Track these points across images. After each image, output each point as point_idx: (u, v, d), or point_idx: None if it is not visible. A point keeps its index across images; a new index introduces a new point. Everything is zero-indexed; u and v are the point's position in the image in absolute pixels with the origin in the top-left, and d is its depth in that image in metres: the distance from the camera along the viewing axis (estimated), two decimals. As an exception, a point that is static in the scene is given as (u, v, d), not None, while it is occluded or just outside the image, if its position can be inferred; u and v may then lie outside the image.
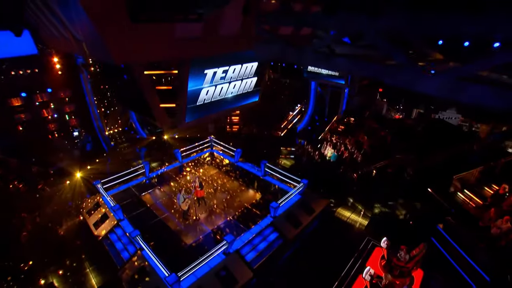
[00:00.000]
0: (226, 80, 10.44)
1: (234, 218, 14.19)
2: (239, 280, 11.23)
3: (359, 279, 11.53)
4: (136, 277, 11.26)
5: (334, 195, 16.16)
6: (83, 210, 14.98)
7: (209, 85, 9.94)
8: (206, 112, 10.72)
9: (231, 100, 11.43)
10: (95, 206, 14.93)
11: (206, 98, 10.23)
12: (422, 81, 4.83)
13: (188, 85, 9.19)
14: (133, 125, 23.38)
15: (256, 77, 11.80)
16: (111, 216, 13.99)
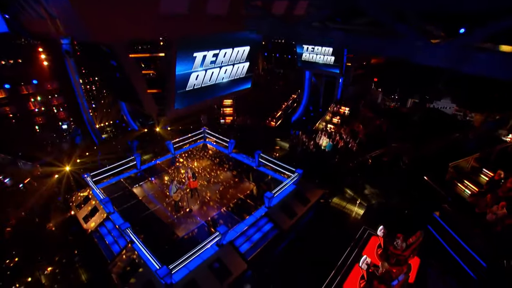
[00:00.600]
0: (216, 65, 9.94)
1: (228, 209, 13.82)
2: (233, 272, 10.90)
3: (356, 268, 11.29)
4: (127, 271, 10.86)
5: (330, 185, 15.86)
6: (72, 204, 14.46)
7: (199, 69, 9.44)
8: (196, 99, 10.24)
9: (222, 86, 10.95)
10: (84, 200, 14.43)
11: (196, 83, 9.74)
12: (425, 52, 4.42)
13: (177, 69, 8.69)
14: (124, 117, 22.73)
15: (248, 62, 11.31)
16: (101, 209, 13.51)
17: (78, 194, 14.94)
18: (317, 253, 12.26)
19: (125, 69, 8.24)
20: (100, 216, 13.34)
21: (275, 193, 13.46)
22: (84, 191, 14.96)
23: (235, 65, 10.74)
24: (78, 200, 14.58)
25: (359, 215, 14.64)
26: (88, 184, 14.54)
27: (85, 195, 14.66)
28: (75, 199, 14.75)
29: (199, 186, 15.08)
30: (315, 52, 21.63)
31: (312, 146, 18.86)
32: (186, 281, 10.16)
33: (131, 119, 22.64)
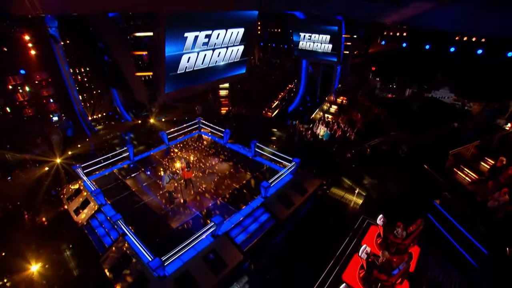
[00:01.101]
0: (209, 47, 9.41)
1: (223, 200, 13.40)
2: (228, 264, 10.53)
3: (355, 258, 10.96)
4: (118, 264, 10.45)
5: (328, 175, 15.48)
6: (63, 197, 13.96)
7: (191, 51, 8.90)
8: (188, 82, 9.73)
9: (216, 71, 10.44)
10: (75, 192, 13.92)
11: (188, 66, 9.22)
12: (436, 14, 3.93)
13: (167, 49, 8.14)
14: (117, 109, 22.12)
15: (242, 45, 10.77)
16: (92, 201, 13.04)
17: (69, 186, 14.43)
18: (315, 243, 11.93)
19: (112, 50, 7.70)
20: (92, 208, 12.87)
21: (271, 183, 13.05)
22: (75, 183, 14.46)
23: (229, 48, 10.21)
24: (69, 192, 14.08)
25: (358, 205, 14.30)
26: (79, 175, 14.02)
27: (76, 188, 14.16)
28: (66, 191, 14.25)
29: (193, 177, 14.63)
30: (312, 40, 21.05)
31: (310, 135, 18.42)
32: (180, 273, 9.78)
33: (124, 110, 22.02)
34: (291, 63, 26.57)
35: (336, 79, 22.68)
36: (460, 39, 19.04)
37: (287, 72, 26.23)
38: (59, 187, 14.53)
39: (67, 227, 12.55)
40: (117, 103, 21.81)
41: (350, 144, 17.01)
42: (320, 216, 13.58)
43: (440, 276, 10.66)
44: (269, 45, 28.50)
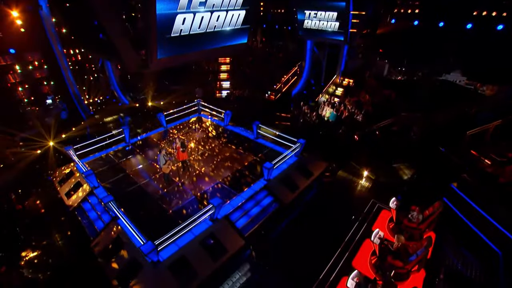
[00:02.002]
0: (207, 8, 8.27)
1: (224, 182, 12.45)
2: (228, 249, 9.62)
3: (365, 244, 10.05)
4: (110, 249, 9.59)
5: (334, 158, 14.45)
6: (54, 180, 13.10)
7: (186, 10, 7.78)
8: (183, 48, 8.64)
9: (214, 37, 9.31)
10: (67, 175, 13.05)
11: (184, 28, 8.12)
12: None
13: (159, 6, 7.03)
14: (114, 93, 21.09)
15: (244, 10, 9.60)
16: (85, 184, 12.16)
17: (62, 169, 13.56)
18: (322, 228, 11.00)
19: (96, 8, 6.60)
20: (84, 191, 12.00)
21: (275, 164, 12.06)
22: (67, 166, 13.57)
23: (229, 12, 9.07)
24: (61, 175, 13.21)
25: (367, 189, 13.30)
26: (71, 157, 13.11)
27: (68, 170, 13.28)
28: (58, 174, 13.38)
29: (192, 159, 13.71)
30: (318, 18, 19.70)
31: (315, 117, 17.34)
32: (175, 258, 8.89)
33: (121, 93, 21.00)
34: (294, 45, 25.31)
35: (342, 60, 21.41)
36: (478, 14, 17.51)
37: (290, 54, 25.00)
38: (51, 171, 13.64)
39: (57, 210, 11.69)
40: (114, 87, 20.77)
41: (357, 125, 15.93)
42: (327, 201, 12.61)
43: (457, 264, 9.70)
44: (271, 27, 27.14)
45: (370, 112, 16.27)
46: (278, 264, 9.79)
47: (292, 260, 9.86)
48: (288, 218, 11.78)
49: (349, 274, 8.81)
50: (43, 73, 19.33)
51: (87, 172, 11.58)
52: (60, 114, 17.69)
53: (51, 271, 9.53)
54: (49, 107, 18.29)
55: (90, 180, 11.69)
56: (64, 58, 18.19)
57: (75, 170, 13.10)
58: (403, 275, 8.63)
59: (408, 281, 8.61)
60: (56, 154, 15.03)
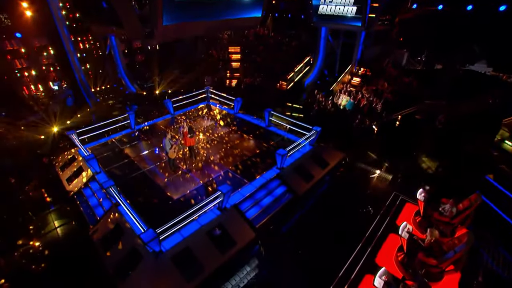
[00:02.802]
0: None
1: (235, 171, 11.48)
2: (237, 241, 8.67)
3: (390, 240, 8.94)
4: (109, 237, 8.76)
5: (351, 147, 13.30)
6: (56, 165, 12.40)
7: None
8: (190, 16, 7.69)
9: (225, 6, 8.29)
10: (69, 160, 12.33)
11: (192, -9, 7.13)
12: None
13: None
14: (122, 80, 20.39)
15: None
16: (87, 170, 11.39)
17: (65, 154, 12.85)
18: (339, 222, 9.91)
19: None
20: (85, 176, 11.23)
21: (289, 151, 11.03)
22: (70, 152, 12.86)
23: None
24: (64, 160, 12.50)
25: (387, 181, 12.12)
26: (73, 142, 12.38)
27: (70, 156, 12.55)
28: (61, 159, 12.68)
29: (200, 147, 12.78)
30: (334, 2, 18.47)
31: (330, 105, 16.19)
32: (179, 249, 8.00)
33: (128, 81, 20.29)
34: (307, 34, 24.14)
35: (359, 48, 20.13)
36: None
37: (304, 43, 23.85)
38: (53, 156, 12.95)
39: (57, 196, 10.95)
40: (121, 74, 20.06)
41: (376, 115, 14.73)
42: (344, 193, 11.49)
43: (494, 264, 8.48)
44: (284, 15, 26.02)
45: (390, 100, 15.04)
46: (291, 259, 8.78)
47: (307, 255, 8.83)
48: (302, 210, 10.76)
49: (373, 271, 7.79)
50: (49, 59, 18.75)
51: (88, 156, 10.82)
52: (66, 101, 17.06)
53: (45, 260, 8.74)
54: (55, 93, 17.67)
55: (91, 165, 10.92)
56: (70, 43, 17.53)
57: (77, 155, 12.37)
58: (435, 274, 7.50)
59: (441, 282, 7.48)
60: (60, 140, 14.34)
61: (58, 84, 18.05)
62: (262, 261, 8.81)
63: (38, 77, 18.14)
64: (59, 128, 15.04)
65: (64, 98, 17.22)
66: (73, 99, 17.40)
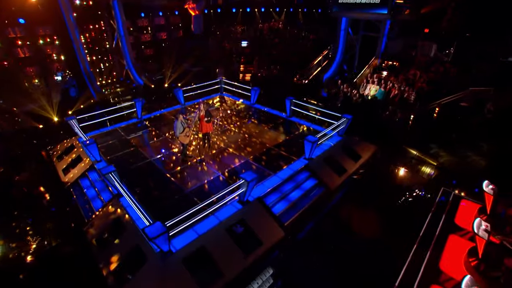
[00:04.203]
0: None
1: (261, 164, 9.86)
2: (263, 241, 7.01)
3: (453, 240, 7.20)
4: (108, 233, 7.18)
5: (383, 140, 11.66)
6: (53, 154, 10.98)
7: None
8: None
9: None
10: (67, 149, 10.90)
11: None
12: None
13: None
14: (129, 72, 19.17)
15: None
16: (86, 159, 9.93)
17: (63, 143, 11.45)
18: (382, 221, 8.17)
19: None
20: (83, 166, 9.75)
21: (320, 137, 9.43)
22: (69, 140, 11.46)
23: None
24: (61, 149, 11.09)
25: (429, 176, 10.37)
26: (73, 129, 10.98)
27: (69, 145, 11.14)
28: (59, 147, 11.28)
29: (216, 139, 11.23)
30: (356, -11, 17.22)
31: (357, 96, 14.64)
32: (192, 249, 6.37)
33: (136, 73, 19.06)
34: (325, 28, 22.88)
35: (383, 39, 18.65)
36: None
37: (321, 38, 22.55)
38: (51, 145, 11.55)
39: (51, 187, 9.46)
40: (128, 66, 18.86)
41: (409, 105, 13.13)
42: (381, 188, 9.78)
43: None
44: (299, 10, 24.90)
45: (425, 90, 13.45)
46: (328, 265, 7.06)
47: (348, 259, 7.11)
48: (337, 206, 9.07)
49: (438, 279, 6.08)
50: (54, 48, 17.66)
51: (88, 141, 9.35)
52: (69, 91, 15.82)
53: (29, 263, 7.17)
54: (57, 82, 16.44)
55: (90, 151, 9.44)
56: (76, 31, 16.43)
57: (76, 144, 10.94)
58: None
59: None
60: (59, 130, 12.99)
61: (61, 74, 16.90)
62: (292, 265, 7.12)
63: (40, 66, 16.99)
64: (59, 117, 13.72)
65: (67, 88, 16.01)
66: (76, 89, 16.18)
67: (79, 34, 16.31)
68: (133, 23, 22.00)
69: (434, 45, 18.42)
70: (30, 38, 16.58)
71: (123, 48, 18.93)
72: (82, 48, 16.63)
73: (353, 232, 7.85)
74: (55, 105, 14.29)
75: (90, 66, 17.53)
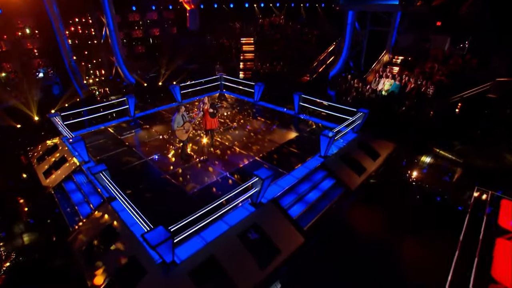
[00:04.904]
0: None
1: (268, 161, 9.19)
2: (281, 249, 6.29)
3: (501, 244, 6.56)
4: (96, 244, 6.38)
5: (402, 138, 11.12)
6: (32, 156, 10.17)
7: None
8: None
9: None
10: (49, 150, 10.10)
11: None
12: None
13: None
14: (118, 69, 18.42)
15: None
16: (71, 160, 9.14)
17: (44, 143, 10.65)
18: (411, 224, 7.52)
19: None
20: (68, 166, 8.95)
21: (337, 133, 8.82)
22: (51, 140, 10.67)
23: None
24: (42, 150, 10.27)
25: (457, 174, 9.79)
26: (56, 126, 10.21)
27: (51, 145, 10.34)
28: (40, 148, 10.48)
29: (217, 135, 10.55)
30: (365, -21, 16.98)
31: (370, 91, 14.16)
32: (200, 260, 5.62)
33: (127, 71, 18.35)
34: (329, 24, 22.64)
35: (393, 33, 18.33)
36: None
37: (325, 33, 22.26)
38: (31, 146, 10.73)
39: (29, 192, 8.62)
40: (119, 63, 18.17)
41: (427, 99, 12.66)
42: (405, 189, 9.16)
43: None
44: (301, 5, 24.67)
45: (444, 83, 13.04)
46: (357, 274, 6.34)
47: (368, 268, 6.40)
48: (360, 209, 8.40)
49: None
50: (35, 42, 16.93)
51: (74, 138, 8.59)
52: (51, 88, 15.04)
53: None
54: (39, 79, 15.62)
55: (77, 150, 8.66)
56: (60, 24, 15.73)
57: (60, 144, 10.15)
58: None
59: None
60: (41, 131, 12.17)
61: (44, 71, 16.11)
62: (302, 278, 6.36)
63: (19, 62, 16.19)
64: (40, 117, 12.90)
65: (50, 86, 15.22)
66: (60, 87, 15.40)
67: (63, 27, 15.64)
68: (124, 18, 21.49)
69: (448, 39, 18.18)
70: (7, 30, 15.83)
71: (113, 44, 18.26)
72: (67, 42, 15.93)
73: (375, 238, 7.18)
74: (35, 104, 13.48)
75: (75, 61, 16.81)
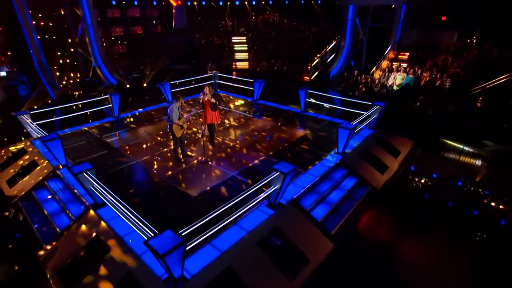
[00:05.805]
0: None
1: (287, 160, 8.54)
2: (310, 258, 5.57)
3: None
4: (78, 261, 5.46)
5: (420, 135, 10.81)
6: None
7: None
8: None
9: None
10: (15, 155, 9.10)
11: None
12: None
13: None
14: (97, 70, 17.41)
15: None
16: (42, 164, 8.19)
17: (7, 147, 9.63)
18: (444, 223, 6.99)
19: None
20: (40, 171, 7.99)
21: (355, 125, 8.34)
22: (17, 144, 9.67)
23: None
24: (6, 155, 9.24)
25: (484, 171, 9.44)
26: (24, 126, 9.26)
27: (18, 149, 9.34)
28: (4, 153, 9.46)
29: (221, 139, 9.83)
30: (366, -29, 17.05)
31: (379, 86, 13.88)
32: (215, 273, 4.80)
33: (107, 71, 17.40)
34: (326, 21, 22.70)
35: (398, 28, 18.40)
36: None
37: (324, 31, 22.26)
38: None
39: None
40: (97, 63, 17.25)
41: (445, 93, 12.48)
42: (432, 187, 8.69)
43: None
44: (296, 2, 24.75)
45: (460, 75, 12.92)
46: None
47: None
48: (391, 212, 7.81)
49: None
50: (1, 39, 15.85)
51: (49, 136, 7.69)
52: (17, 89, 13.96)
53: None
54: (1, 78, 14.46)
55: (53, 150, 7.73)
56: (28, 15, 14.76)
57: (28, 147, 9.17)
58: None
59: None
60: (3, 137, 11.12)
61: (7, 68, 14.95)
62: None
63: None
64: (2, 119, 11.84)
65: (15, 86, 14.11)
66: (27, 87, 14.35)
67: (31, 18, 14.75)
68: (102, 13, 20.74)
69: (455, 34, 18.46)
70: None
71: (91, 42, 17.43)
72: (36, 36, 15.00)
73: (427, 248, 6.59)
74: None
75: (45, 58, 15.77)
